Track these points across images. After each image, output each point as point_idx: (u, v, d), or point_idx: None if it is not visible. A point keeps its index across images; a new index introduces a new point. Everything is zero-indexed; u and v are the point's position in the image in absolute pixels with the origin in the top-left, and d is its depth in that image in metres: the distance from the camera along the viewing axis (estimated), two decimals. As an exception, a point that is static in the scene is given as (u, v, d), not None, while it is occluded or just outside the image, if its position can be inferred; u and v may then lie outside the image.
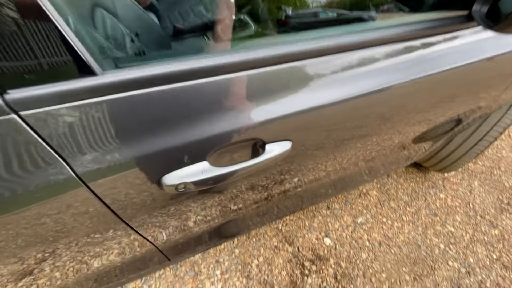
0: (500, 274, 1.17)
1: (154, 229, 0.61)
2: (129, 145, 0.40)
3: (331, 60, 0.49)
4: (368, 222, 1.33)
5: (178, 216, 0.62)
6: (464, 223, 1.34)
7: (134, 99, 0.37)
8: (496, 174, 1.54)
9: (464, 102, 0.80)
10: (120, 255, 0.64)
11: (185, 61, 0.39)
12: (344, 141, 0.67)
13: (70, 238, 0.49)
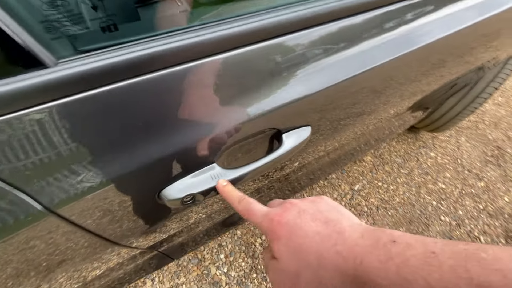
0: (486, 223, 1.26)
1: (154, 238, 0.54)
2: (112, 160, 0.31)
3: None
4: (365, 188, 1.34)
5: (179, 220, 0.54)
6: (453, 178, 1.39)
7: (109, 97, 0.27)
8: (481, 128, 1.59)
9: (455, 66, 0.75)
10: (121, 267, 0.57)
11: (176, 36, 0.28)
12: (351, 119, 0.61)
13: (66, 265, 0.41)
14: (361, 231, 0.23)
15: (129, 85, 0.28)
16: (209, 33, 0.30)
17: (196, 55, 0.31)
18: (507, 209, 1.30)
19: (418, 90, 0.73)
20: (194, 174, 0.37)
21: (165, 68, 0.29)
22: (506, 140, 1.55)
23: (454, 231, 1.23)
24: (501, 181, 1.39)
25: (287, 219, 0.27)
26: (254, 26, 0.33)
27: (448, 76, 0.77)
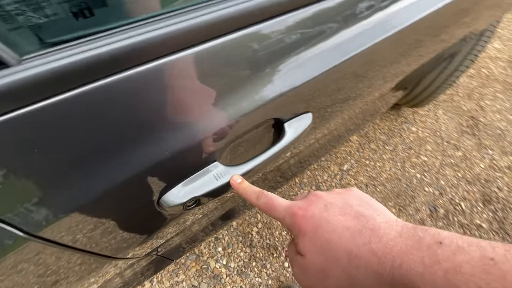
0: (465, 189, 1.34)
1: (151, 245, 0.51)
2: (99, 172, 0.27)
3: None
4: (353, 167, 1.37)
5: (176, 223, 0.52)
6: (434, 151, 1.45)
7: (89, 99, 0.23)
8: (456, 100, 1.66)
9: (432, 45, 0.76)
10: (119, 277, 0.54)
11: (171, 19, 0.24)
12: (338, 105, 0.60)
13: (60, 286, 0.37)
14: (398, 229, 0.21)
15: (112, 83, 0.24)
16: (209, 13, 0.26)
17: (191, 42, 0.27)
18: (483, 175, 1.39)
19: (400, 71, 0.73)
20: (195, 176, 0.34)
21: (155, 59, 0.25)
22: (479, 110, 1.63)
23: (438, 200, 1.30)
24: (476, 149, 1.47)
25: (312, 213, 0.25)
26: (248, 6, 0.29)
27: (426, 55, 0.78)
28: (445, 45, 0.83)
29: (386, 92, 0.84)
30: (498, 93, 1.72)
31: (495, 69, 1.84)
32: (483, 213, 1.28)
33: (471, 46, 1.08)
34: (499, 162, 1.43)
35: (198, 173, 0.34)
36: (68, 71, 0.21)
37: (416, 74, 0.91)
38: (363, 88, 0.63)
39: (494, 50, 1.95)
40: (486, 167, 1.41)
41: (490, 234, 1.22)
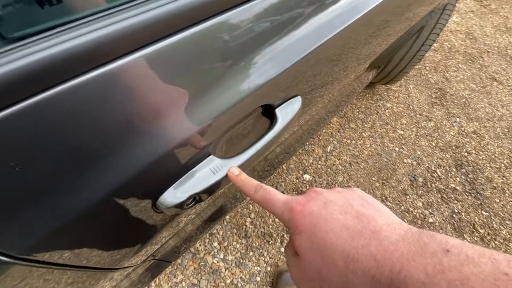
0: (439, 157, 1.43)
1: (146, 252, 0.49)
2: (86, 182, 0.24)
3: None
4: (336, 148, 1.41)
5: (171, 226, 0.50)
6: (409, 124, 1.53)
7: (64, 101, 0.21)
8: (424, 74, 1.74)
9: (399, 24, 0.78)
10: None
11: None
12: (317, 90, 0.60)
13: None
14: (402, 233, 0.19)
15: (90, 81, 0.22)
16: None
17: (168, 32, 0.25)
18: (453, 141, 1.49)
19: (372, 52, 0.75)
20: (191, 172, 0.32)
21: (136, 50, 0.23)
22: (445, 81, 1.73)
23: (416, 169, 1.38)
24: (446, 118, 1.57)
25: (311, 209, 0.23)
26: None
27: (394, 34, 0.81)
28: (410, 23, 0.86)
29: (361, 73, 0.86)
30: (460, 64, 1.83)
31: (456, 41, 1.95)
32: (456, 177, 1.38)
33: (435, 20, 1.12)
34: (466, 128, 1.54)
35: (194, 169, 0.32)
36: (36, 71, 0.19)
37: (387, 53, 0.94)
38: (339, 71, 0.64)
39: (454, 24, 2.06)
40: (456, 134, 1.51)
41: (464, 195, 1.32)
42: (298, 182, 1.29)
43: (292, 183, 1.28)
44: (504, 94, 1.70)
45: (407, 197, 1.29)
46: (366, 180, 1.32)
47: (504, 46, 1.96)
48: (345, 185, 1.30)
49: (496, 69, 1.83)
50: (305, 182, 1.29)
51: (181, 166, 0.32)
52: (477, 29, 2.05)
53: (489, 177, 1.39)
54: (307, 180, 1.30)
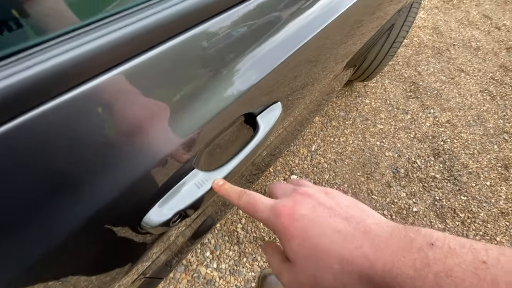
0: (418, 147, 1.49)
1: (138, 270, 0.47)
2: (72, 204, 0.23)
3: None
4: (320, 146, 1.43)
5: (161, 241, 0.49)
6: (387, 118, 1.58)
7: (38, 125, 0.20)
8: (398, 69, 1.82)
9: (371, 23, 0.82)
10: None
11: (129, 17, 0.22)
12: (292, 98, 0.62)
13: None
14: (389, 230, 0.20)
15: (63, 103, 0.21)
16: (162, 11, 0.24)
17: (142, 48, 0.25)
18: (430, 132, 1.56)
19: (348, 51, 0.78)
20: (175, 188, 0.31)
21: (112, 69, 0.23)
22: (417, 75, 1.81)
23: (398, 162, 1.43)
24: (421, 110, 1.64)
25: (300, 214, 0.23)
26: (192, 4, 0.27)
27: (368, 33, 0.84)
28: (381, 22, 0.91)
29: (339, 72, 0.89)
30: (430, 57, 1.92)
31: (424, 36, 2.05)
32: (435, 165, 1.44)
33: (403, 18, 1.18)
34: (440, 118, 1.62)
35: (178, 184, 0.32)
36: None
37: (362, 51, 0.97)
38: (318, 72, 0.66)
39: (421, 20, 2.16)
40: (431, 125, 1.59)
41: (443, 183, 1.38)
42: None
43: (280, 185, 1.29)
44: (472, 84, 1.81)
45: (391, 189, 1.33)
46: (352, 176, 1.36)
47: (468, 39, 2.09)
48: (332, 183, 1.32)
49: (462, 60, 1.94)
50: (293, 182, 1.31)
51: (164, 183, 0.31)
52: (442, 24, 2.17)
53: (465, 163, 1.46)
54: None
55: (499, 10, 2.37)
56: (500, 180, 1.42)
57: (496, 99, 1.75)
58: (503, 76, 1.88)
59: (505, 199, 1.36)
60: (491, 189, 1.39)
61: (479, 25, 2.20)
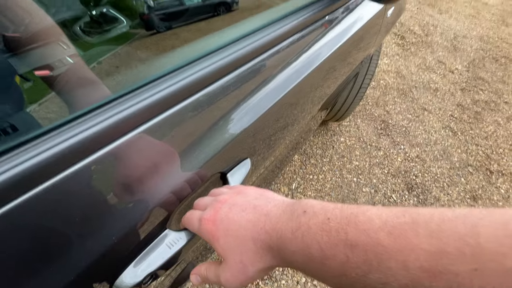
0: (392, 182, 1.56)
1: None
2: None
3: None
4: (300, 184, 1.47)
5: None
6: (362, 155, 1.67)
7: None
8: (368, 109, 1.97)
9: (343, 68, 0.94)
10: None
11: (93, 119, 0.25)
12: (274, 138, 0.68)
13: None
14: (283, 208, 0.26)
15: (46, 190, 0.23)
16: (136, 104, 0.28)
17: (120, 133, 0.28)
18: (402, 167, 1.65)
19: (323, 94, 0.87)
20: (148, 249, 0.33)
21: (84, 158, 0.25)
22: (386, 114, 1.96)
23: (375, 197, 1.48)
24: (392, 146, 1.76)
25: (220, 218, 0.28)
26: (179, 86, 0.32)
27: (340, 77, 0.95)
28: (351, 67, 1.03)
29: (315, 113, 0.97)
30: (396, 98, 2.11)
31: (389, 79, 2.27)
32: (410, 199, 1.50)
33: (366, 67, 1.33)
34: (410, 154, 1.73)
35: (150, 246, 0.33)
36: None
37: (334, 95, 1.08)
38: (297, 113, 0.73)
39: (385, 65, 2.41)
40: (403, 160, 1.69)
41: (419, 216, 1.43)
42: (268, 224, 1.30)
43: (262, 225, 1.29)
44: (435, 121, 1.98)
45: (370, 225, 1.36)
46: (332, 213, 1.38)
47: (427, 81, 2.33)
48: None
49: (424, 100, 2.14)
50: (275, 222, 1.31)
51: (136, 245, 0.32)
52: (404, 68, 2.42)
53: (437, 196, 1.54)
54: (277, 220, 1.32)
55: (451, 56, 2.70)
56: (470, 211, 1.50)
57: (457, 134, 1.92)
58: (461, 114, 2.08)
59: (477, 230, 1.42)
60: (464, 221, 1.45)
61: (435, 69, 2.49)
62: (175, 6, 0.45)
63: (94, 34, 0.34)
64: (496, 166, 1.75)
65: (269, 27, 0.50)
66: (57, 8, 0.31)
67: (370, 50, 1.16)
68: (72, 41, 0.30)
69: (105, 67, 0.34)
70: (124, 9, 0.38)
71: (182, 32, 0.44)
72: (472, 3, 3.87)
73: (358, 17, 0.84)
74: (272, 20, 0.52)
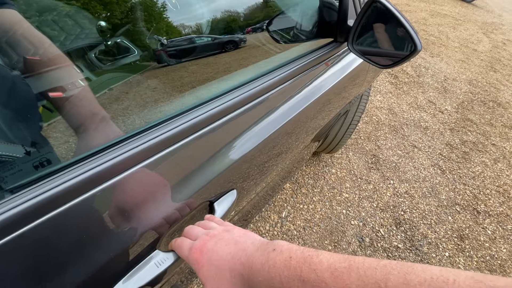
0: (381, 217, 1.60)
1: None
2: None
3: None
4: (290, 213, 1.50)
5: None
6: (352, 187, 1.72)
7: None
8: (360, 143, 2.05)
9: (337, 101, 1.04)
10: None
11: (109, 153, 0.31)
12: (268, 164, 0.74)
13: None
14: (258, 245, 0.31)
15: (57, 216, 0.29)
16: (147, 140, 0.35)
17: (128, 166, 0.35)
18: (391, 201, 1.69)
19: (317, 125, 0.95)
20: (137, 267, 0.37)
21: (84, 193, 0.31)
22: (377, 148, 2.04)
23: (363, 230, 1.51)
24: (382, 181, 1.81)
25: (206, 249, 0.33)
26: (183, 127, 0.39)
27: (334, 109, 1.04)
28: (345, 101, 1.12)
29: (308, 143, 1.04)
30: (387, 134, 2.21)
31: (381, 116, 2.39)
32: (397, 234, 1.53)
33: (356, 105, 1.43)
34: (399, 189, 1.78)
35: (141, 264, 0.38)
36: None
37: (326, 127, 1.16)
38: (292, 142, 0.80)
39: (378, 102, 2.54)
40: (392, 195, 1.73)
41: (406, 253, 1.45)
42: (256, 251, 1.31)
43: (250, 252, 1.30)
44: (424, 159, 2.05)
45: (357, 258, 1.37)
46: (320, 243, 1.40)
47: (418, 120, 2.45)
48: (301, 251, 1.35)
49: (414, 138, 2.23)
50: (263, 250, 1.32)
51: (128, 263, 0.37)
52: (396, 106, 2.55)
53: (424, 233, 1.57)
54: (265, 247, 1.33)
55: (441, 97, 2.85)
56: (457, 251, 1.52)
57: (446, 173, 1.98)
58: (449, 153, 2.17)
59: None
60: (450, 260, 1.47)
61: (426, 109, 2.62)
62: (186, 44, 0.52)
63: (107, 61, 0.39)
64: (483, 207, 1.80)
65: (273, 72, 0.59)
66: (76, 36, 0.37)
67: (362, 88, 1.26)
68: (86, 67, 0.36)
69: (115, 93, 0.41)
70: (139, 44, 0.44)
71: (191, 66, 0.52)
72: (463, 48, 4.14)
73: (354, 57, 0.95)
74: (276, 66, 0.61)
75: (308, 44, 0.81)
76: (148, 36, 0.47)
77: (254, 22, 0.68)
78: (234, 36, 0.63)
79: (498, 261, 1.49)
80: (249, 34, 0.66)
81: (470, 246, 1.55)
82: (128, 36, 0.42)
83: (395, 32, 0.67)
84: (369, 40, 0.73)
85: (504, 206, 1.82)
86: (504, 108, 2.89)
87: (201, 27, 0.55)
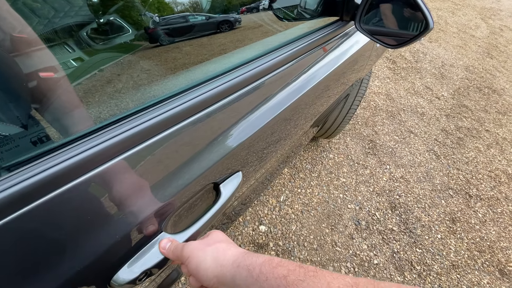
0: (377, 201, 1.63)
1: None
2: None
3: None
4: (288, 197, 1.51)
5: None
6: (349, 172, 1.74)
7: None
8: (357, 128, 2.05)
9: (336, 88, 1.01)
10: None
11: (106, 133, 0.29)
12: (272, 146, 0.73)
13: None
14: (236, 254, 0.34)
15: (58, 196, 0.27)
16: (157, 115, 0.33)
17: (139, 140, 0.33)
18: (386, 186, 1.72)
19: (316, 111, 0.93)
20: (144, 249, 0.36)
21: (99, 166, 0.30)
22: (374, 134, 2.05)
23: (359, 214, 1.53)
24: (378, 165, 1.83)
25: (197, 255, 0.35)
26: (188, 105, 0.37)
27: (333, 96, 1.02)
28: (344, 87, 1.10)
29: (307, 129, 1.03)
30: (384, 119, 2.21)
31: (379, 101, 2.38)
32: (392, 218, 1.56)
33: (356, 89, 1.41)
34: (395, 174, 1.81)
35: (147, 246, 0.37)
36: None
37: (325, 113, 1.15)
38: (291, 128, 0.78)
39: (376, 87, 2.53)
40: (388, 179, 1.76)
41: (400, 235, 1.49)
42: (255, 234, 1.33)
43: (249, 235, 1.31)
44: (420, 144, 2.07)
45: (353, 241, 1.41)
46: (317, 227, 1.42)
47: (415, 105, 2.45)
48: (298, 234, 1.37)
49: (411, 123, 2.24)
50: (261, 233, 1.34)
51: (134, 245, 0.36)
52: (394, 91, 2.54)
53: (418, 216, 1.60)
54: (263, 231, 1.35)
55: (438, 83, 2.84)
56: (449, 233, 1.56)
57: (440, 158, 2.01)
58: (444, 139, 2.19)
59: (454, 252, 1.48)
60: (442, 242, 1.52)
61: (423, 94, 2.61)
62: (180, 23, 0.48)
63: (99, 40, 0.37)
64: (475, 191, 1.84)
65: (274, 52, 0.56)
66: (65, 13, 0.34)
67: (362, 73, 1.24)
68: (77, 46, 0.33)
69: (107, 75, 0.38)
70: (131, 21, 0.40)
71: (185, 46, 0.49)
72: (461, 34, 4.11)
73: (356, 41, 0.92)
74: (277, 45, 0.58)
75: (312, 23, 0.78)
76: (142, 13, 0.44)
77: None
78: (230, 16, 0.59)
79: (488, 242, 1.55)
80: (247, 13, 0.62)
81: (462, 228, 1.60)
82: (120, 13, 0.39)
83: (404, 10, 0.64)
84: (377, 19, 0.70)
85: (495, 190, 1.87)
86: (499, 94, 2.91)
87: (198, 4, 0.51)
